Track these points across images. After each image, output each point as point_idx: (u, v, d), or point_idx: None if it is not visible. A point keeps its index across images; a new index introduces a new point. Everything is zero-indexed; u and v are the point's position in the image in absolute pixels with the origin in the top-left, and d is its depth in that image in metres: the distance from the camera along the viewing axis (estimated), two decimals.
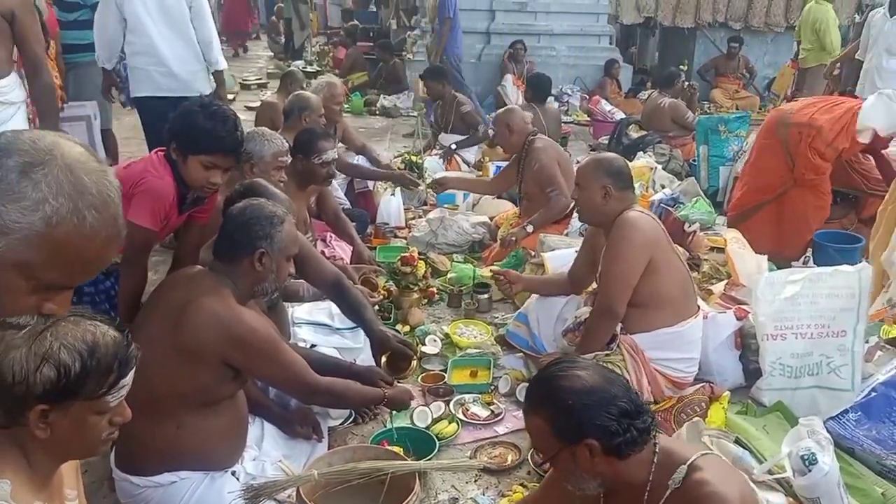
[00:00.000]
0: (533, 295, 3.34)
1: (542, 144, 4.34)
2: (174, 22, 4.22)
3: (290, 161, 3.22)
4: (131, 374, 1.24)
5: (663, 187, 5.11)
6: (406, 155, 5.76)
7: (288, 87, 6.07)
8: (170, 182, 2.53)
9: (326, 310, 2.97)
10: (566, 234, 4.14)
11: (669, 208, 4.55)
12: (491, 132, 6.41)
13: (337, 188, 4.44)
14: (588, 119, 8.42)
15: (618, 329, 2.77)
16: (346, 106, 8.96)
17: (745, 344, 3.09)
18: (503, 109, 4.67)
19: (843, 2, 9.52)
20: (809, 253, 4.17)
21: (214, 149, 2.52)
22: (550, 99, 6.88)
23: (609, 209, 2.76)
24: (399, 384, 2.64)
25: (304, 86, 5.77)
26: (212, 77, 4.42)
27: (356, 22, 12.47)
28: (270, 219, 2.14)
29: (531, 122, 4.57)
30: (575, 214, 3.92)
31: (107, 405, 1.21)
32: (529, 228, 4.16)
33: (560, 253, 3.65)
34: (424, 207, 5.32)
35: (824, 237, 4.19)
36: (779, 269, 3.93)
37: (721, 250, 4.23)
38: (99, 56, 4.36)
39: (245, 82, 10.29)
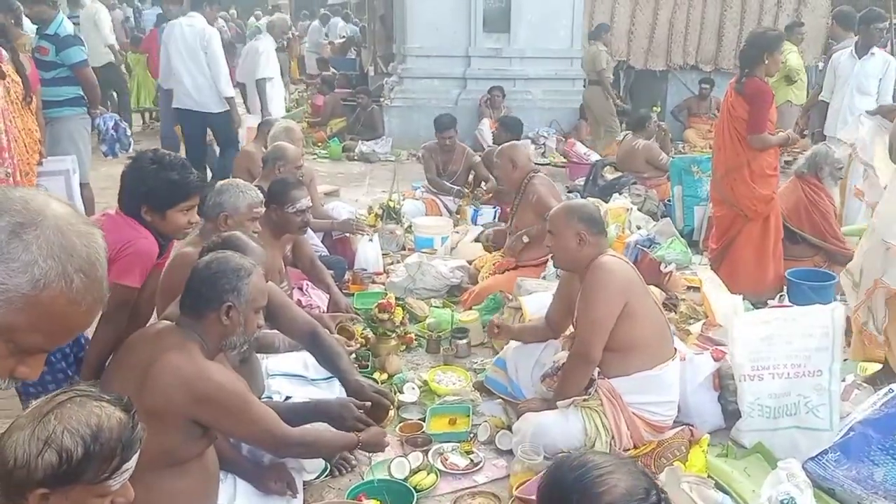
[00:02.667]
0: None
1: (541, 181, 4.41)
2: (194, 59, 6.20)
3: (264, 211, 3.22)
4: (135, 457, 1.21)
5: (639, 228, 5.16)
6: (385, 200, 5.79)
7: (265, 136, 6.11)
8: (153, 240, 2.56)
9: (301, 360, 2.94)
10: (543, 278, 4.15)
11: (645, 249, 4.60)
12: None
13: (313, 235, 4.43)
14: (564, 161, 8.52)
15: (595, 373, 2.76)
16: (324, 151, 9.16)
17: (724, 385, 3.10)
18: (508, 144, 4.71)
19: (809, 44, 9.78)
20: (784, 291, 4.22)
21: (189, 194, 2.62)
22: (526, 142, 6.97)
23: (583, 255, 2.78)
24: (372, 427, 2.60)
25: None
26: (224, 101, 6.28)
27: (334, 70, 12.61)
28: (237, 271, 2.12)
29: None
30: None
31: (108, 489, 1.19)
32: (525, 239, 4.22)
33: (538, 296, 3.65)
34: (403, 252, 5.32)
35: (797, 275, 4.24)
36: (755, 307, 3.98)
37: (698, 289, 4.28)
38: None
39: None
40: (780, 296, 4.13)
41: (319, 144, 9.44)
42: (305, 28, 15.38)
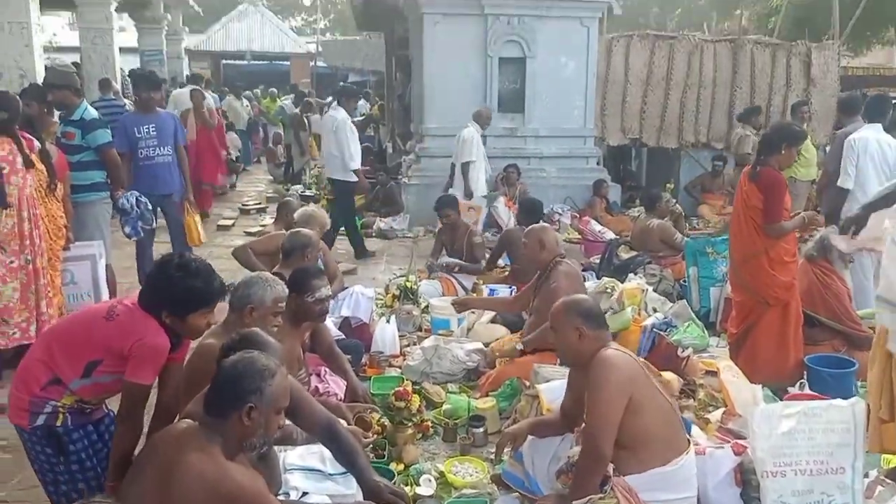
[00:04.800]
0: None
1: (567, 269, 4.42)
2: (332, 137, 7.57)
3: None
4: None
5: (655, 310, 5.16)
6: (401, 279, 5.85)
7: (284, 217, 6.26)
8: (166, 337, 2.61)
9: (318, 454, 2.94)
10: (560, 364, 4.14)
11: (662, 333, 4.58)
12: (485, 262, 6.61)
13: (330, 323, 4.47)
14: (579, 237, 8.59)
15: (610, 470, 2.73)
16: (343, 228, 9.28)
17: (746, 480, 3.04)
18: (539, 226, 4.75)
19: (819, 122, 9.95)
20: (805, 378, 4.18)
21: (211, 302, 2.69)
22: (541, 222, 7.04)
23: (585, 349, 2.81)
24: None
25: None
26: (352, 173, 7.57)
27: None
28: (262, 372, 2.16)
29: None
30: None
31: None
32: (519, 346, 4.21)
33: (555, 384, 3.64)
34: (419, 333, 5.35)
35: (817, 361, 4.21)
36: (774, 394, 3.94)
37: (716, 374, 4.24)
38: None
39: (245, 207, 10.52)
40: (801, 383, 4.08)
41: None
42: (320, 106, 15.82)
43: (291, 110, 13.75)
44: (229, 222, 9.46)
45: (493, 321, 5.27)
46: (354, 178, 7.65)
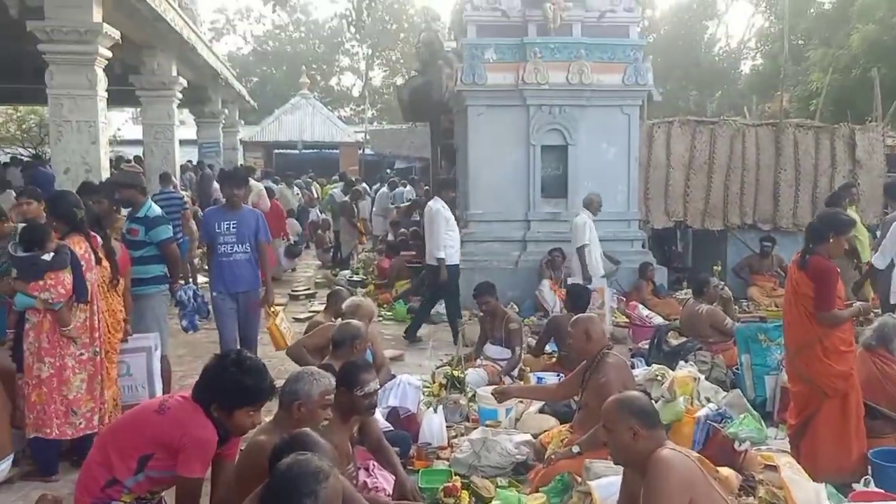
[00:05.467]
0: None
1: (615, 361, 4.35)
2: (428, 226, 8.06)
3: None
4: None
5: (708, 400, 5.04)
6: (448, 367, 5.85)
7: (333, 306, 6.38)
8: (213, 429, 2.69)
9: None
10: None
11: (716, 425, 4.46)
12: (525, 348, 6.59)
13: (378, 414, 4.49)
14: (626, 321, 8.52)
15: None
16: (389, 313, 9.39)
17: None
18: (585, 316, 4.73)
19: (868, 203, 9.83)
20: (869, 473, 4.01)
21: (259, 400, 2.80)
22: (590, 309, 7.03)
23: (640, 449, 2.76)
24: None
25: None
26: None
27: (404, 230, 13.19)
28: (316, 475, 2.19)
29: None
30: None
31: None
32: (575, 449, 4.10)
33: (608, 481, 3.56)
34: (467, 423, 5.30)
35: (882, 456, 4.04)
36: (838, 492, 3.78)
37: (776, 468, 4.09)
38: None
39: (294, 293, 10.73)
40: (866, 479, 3.91)
41: (385, 306, 9.68)
42: (364, 191, 16.32)
43: (341, 198, 14.20)
44: (279, 308, 9.60)
45: (541, 411, 5.22)
46: (449, 262, 7.86)
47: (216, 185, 10.74)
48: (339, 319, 5.61)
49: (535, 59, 9.40)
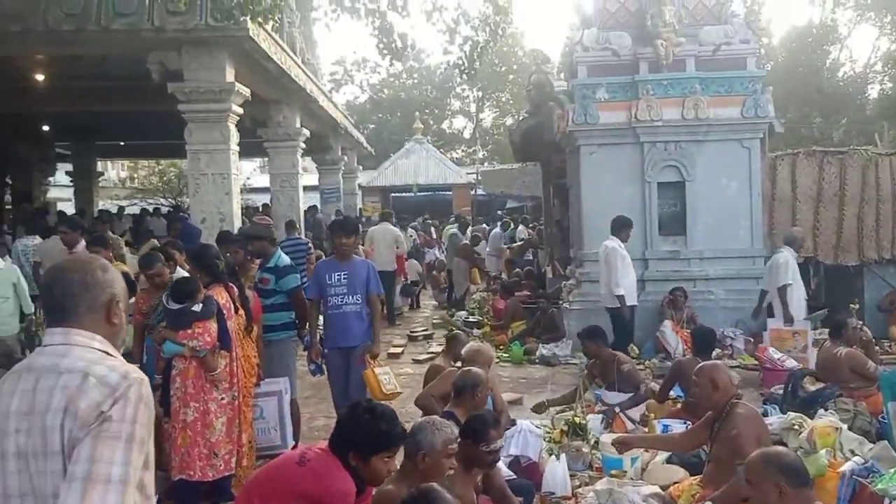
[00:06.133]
0: None
1: (746, 412, 4.14)
2: (603, 265, 8.07)
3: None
4: None
5: (853, 453, 4.70)
6: (569, 416, 5.76)
7: (452, 350, 6.44)
8: (351, 482, 2.80)
9: None
10: None
11: (864, 480, 4.17)
12: (650, 385, 6.38)
13: (501, 464, 4.48)
14: (755, 364, 8.11)
15: None
16: (506, 355, 9.37)
17: None
18: (709, 363, 4.54)
19: None
20: None
21: (393, 444, 2.92)
22: (716, 352, 6.77)
23: None
24: None
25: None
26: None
27: (518, 270, 13.23)
28: None
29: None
30: None
31: None
32: None
33: None
34: (590, 472, 5.19)
35: None
36: None
37: None
38: None
39: (412, 334, 10.92)
40: None
41: (501, 348, 9.68)
42: (486, 232, 16.50)
43: (459, 238, 14.51)
44: (399, 350, 9.84)
45: (669, 461, 5.03)
46: (627, 303, 7.81)
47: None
48: (459, 363, 5.69)
49: (648, 96, 9.30)
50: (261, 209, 15.79)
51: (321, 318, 5.96)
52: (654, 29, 9.21)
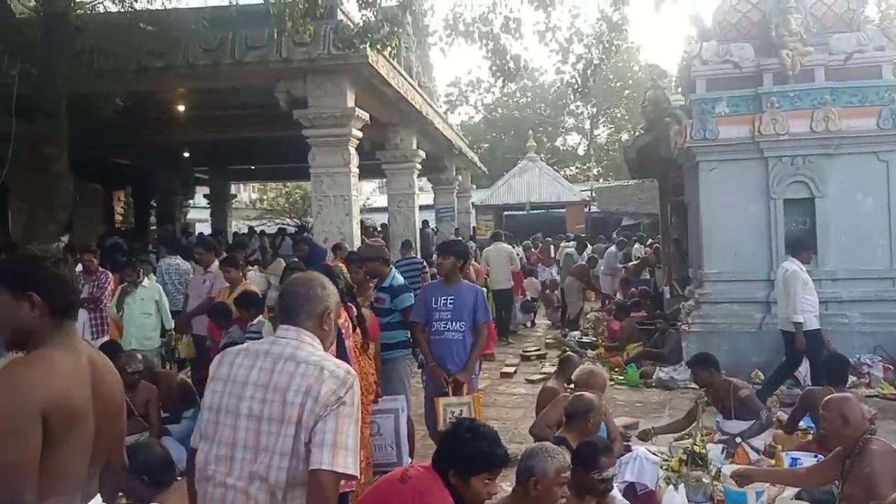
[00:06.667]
0: None
1: (880, 448, 3.85)
2: (781, 287, 7.54)
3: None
4: None
5: None
6: (688, 444, 5.56)
7: (565, 372, 6.39)
8: (451, 500, 2.87)
9: None
10: None
11: None
12: (777, 414, 6.05)
13: (616, 492, 4.40)
14: (895, 394, 7.53)
15: None
16: (621, 377, 9.15)
17: None
18: (839, 396, 4.24)
19: None
20: None
21: (494, 465, 2.92)
22: (852, 380, 6.35)
23: None
24: None
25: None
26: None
27: (634, 289, 12.91)
28: None
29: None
30: None
31: None
32: None
33: None
34: None
35: None
36: None
37: None
38: None
39: (525, 354, 10.86)
40: None
41: (616, 370, 9.47)
42: (602, 251, 16.21)
43: (577, 258, 14.39)
44: (511, 369, 9.82)
45: (798, 496, 4.75)
46: (808, 328, 7.36)
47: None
48: (572, 386, 5.63)
49: (773, 108, 8.87)
50: (380, 229, 16.28)
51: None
52: (780, 39, 8.82)
